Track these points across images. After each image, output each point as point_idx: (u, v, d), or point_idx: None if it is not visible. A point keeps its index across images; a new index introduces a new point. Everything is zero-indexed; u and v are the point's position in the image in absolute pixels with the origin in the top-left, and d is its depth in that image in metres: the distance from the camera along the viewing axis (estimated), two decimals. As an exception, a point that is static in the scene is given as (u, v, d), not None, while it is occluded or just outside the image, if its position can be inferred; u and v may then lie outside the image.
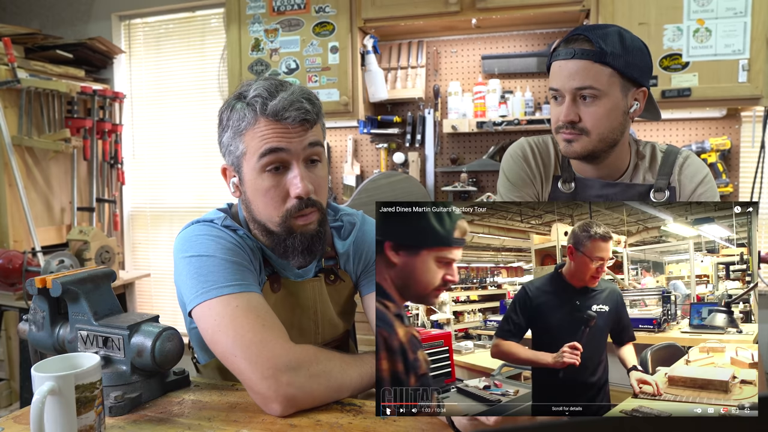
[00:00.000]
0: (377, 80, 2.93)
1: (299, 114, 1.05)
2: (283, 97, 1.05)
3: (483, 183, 3.04)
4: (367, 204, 2.74)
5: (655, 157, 1.41)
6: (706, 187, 1.37)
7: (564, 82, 1.29)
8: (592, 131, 1.30)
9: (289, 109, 1.05)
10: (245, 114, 1.07)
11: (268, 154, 1.06)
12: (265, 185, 1.08)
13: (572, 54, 1.27)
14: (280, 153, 1.06)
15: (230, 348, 1.00)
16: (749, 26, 2.37)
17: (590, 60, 1.26)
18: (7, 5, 3.79)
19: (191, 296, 1.06)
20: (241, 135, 1.08)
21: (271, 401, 0.97)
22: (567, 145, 1.33)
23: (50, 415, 0.82)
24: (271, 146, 1.05)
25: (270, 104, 1.05)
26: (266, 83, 1.09)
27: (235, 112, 1.09)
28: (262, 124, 1.06)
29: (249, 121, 1.07)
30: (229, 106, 1.11)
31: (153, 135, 3.72)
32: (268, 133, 1.06)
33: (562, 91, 1.30)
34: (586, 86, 1.27)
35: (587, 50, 1.26)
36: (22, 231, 3.11)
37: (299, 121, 1.06)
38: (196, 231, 1.13)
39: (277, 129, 1.06)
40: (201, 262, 1.08)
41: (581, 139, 1.31)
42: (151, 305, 3.79)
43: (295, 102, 1.06)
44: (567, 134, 1.32)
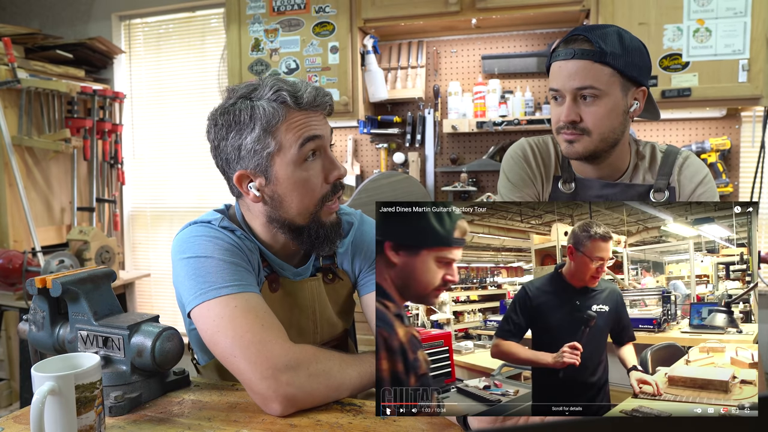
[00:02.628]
0: (377, 80, 2.93)
1: (327, 100, 1.12)
2: (308, 89, 1.10)
3: (483, 183, 3.04)
4: (367, 204, 2.74)
5: (654, 157, 1.42)
6: (706, 188, 1.37)
7: (564, 82, 1.29)
8: (593, 131, 1.30)
9: (318, 97, 1.10)
10: (274, 109, 1.07)
11: (308, 142, 1.09)
12: (304, 175, 1.10)
13: (572, 54, 1.27)
14: (318, 140, 1.11)
15: (229, 348, 1.00)
16: (749, 26, 2.37)
17: (590, 60, 1.26)
18: (7, 5, 3.79)
19: (190, 297, 1.07)
20: (272, 131, 1.07)
21: (270, 401, 0.97)
22: (568, 145, 1.33)
23: (50, 415, 0.82)
24: (310, 134, 1.09)
25: (302, 95, 1.09)
26: (277, 80, 1.11)
27: (258, 110, 1.07)
28: (295, 115, 1.09)
29: (281, 115, 1.07)
30: (246, 107, 1.08)
31: (153, 135, 3.72)
32: (303, 123, 1.09)
33: (562, 91, 1.30)
34: (586, 86, 1.27)
35: (587, 50, 1.26)
36: (22, 231, 3.11)
37: (325, 109, 1.13)
38: (193, 232, 1.13)
39: (310, 118, 1.10)
40: (199, 263, 1.08)
41: (583, 140, 1.31)
42: (151, 305, 3.79)
43: (320, 91, 1.11)
44: (568, 134, 1.32)
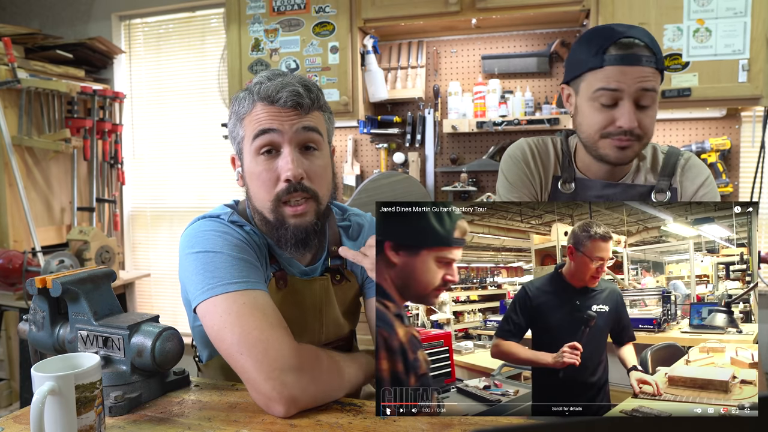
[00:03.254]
0: (377, 80, 2.93)
1: (290, 96, 1.08)
2: (279, 82, 1.09)
3: (483, 183, 3.04)
4: (367, 204, 2.74)
5: (656, 158, 1.41)
6: (708, 189, 1.37)
7: (630, 85, 1.24)
8: (644, 136, 1.27)
9: (281, 91, 1.08)
10: (245, 100, 1.12)
11: (260, 135, 1.09)
12: (258, 168, 1.11)
13: (638, 60, 1.23)
14: (272, 134, 1.09)
15: (236, 345, 0.99)
16: (749, 26, 2.37)
17: (653, 67, 1.24)
18: (7, 5, 3.79)
19: (197, 292, 1.05)
20: (241, 120, 1.13)
21: (274, 402, 0.96)
22: (619, 151, 1.28)
23: (50, 415, 0.82)
24: (263, 127, 1.09)
25: (263, 87, 1.09)
26: (269, 72, 1.14)
27: (238, 100, 1.15)
28: (258, 107, 1.10)
29: (247, 106, 1.12)
30: (236, 96, 1.16)
31: (153, 135, 3.72)
32: (262, 116, 1.09)
33: (626, 92, 1.24)
34: (649, 88, 1.24)
35: (650, 57, 1.24)
36: (22, 231, 3.11)
37: (291, 105, 1.08)
38: (202, 227, 1.13)
39: (270, 111, 1.09)
40: (208, 258, 1.07)
41: (634, 146, 1.28)
42: (151, 305, 3.79)
43: (288, 85, 1.09)
44: (624, 141, 1.26)
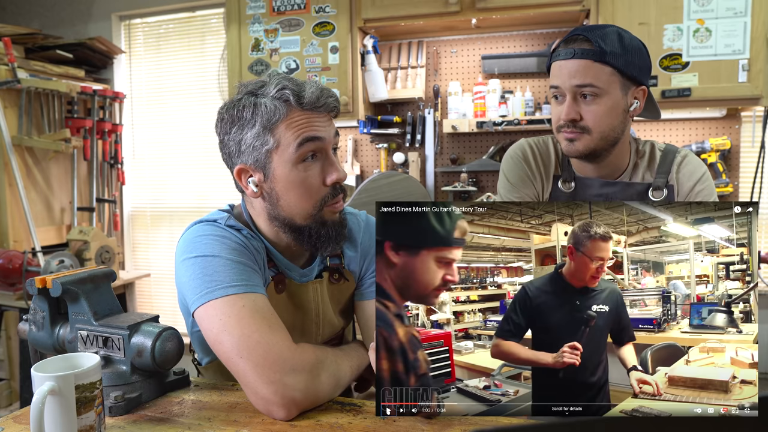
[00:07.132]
0: (377, 80, 2.93)
1: (331, 102, 1.10)
2: (312, 89, 1.09)
3: (483, 183, 3.04)
4: (367, 204, 2.73)
5: (654, 155, 1.42)
6: (704, 185, 1.38)
7: (564, 81, 1.30)
8: (593, 129, 1.30)
9: (321, 98, 1.09)
10: (276, 107, 1.07)
11: (306, 143, 1.08)
12: (301, 175, 1.10)
13: (572, 54, 1.28)
14: (318, 141, 1.09)
15: (235, 348, 0.99)
16: (749, 26, 2.37)
17: (590, 59, 1.27)
18: (7, 5, 3.79)
19: (195, 296, 1.05)
20: (272, 128, 1.08)
21: (275, 405, 0.96)
22: (569, 144, 1.34)
23: (50, 415, 0.82)
24: (309, 135, 1.08)
25: (304, 95, 1.08)
26: (284, 78, 1.10)
27: (260, 107, 1.08)
28: (296, 115, 1.08)
29: (282, 113, 1.08)
30: (249, 103, 1.09)
31: (153, 135, 3.72)
32: (305, 123, 1.08)
33: (562, 89, 1.31)
34: (586, 84, 1.28)
35: (587, 50, 1.27)
36: (22, 231, 3.11)
37: (329, 110, 1.11)
38: (199, 231, 1.12)
39: (312, 118, 1.09)
40: (206, 262, 1.06)
41: (583, 138, 1.32)
42: (151, 305, 3.79)
43: (324, 92, 1.10)
44: (569, 133, 1.32)
